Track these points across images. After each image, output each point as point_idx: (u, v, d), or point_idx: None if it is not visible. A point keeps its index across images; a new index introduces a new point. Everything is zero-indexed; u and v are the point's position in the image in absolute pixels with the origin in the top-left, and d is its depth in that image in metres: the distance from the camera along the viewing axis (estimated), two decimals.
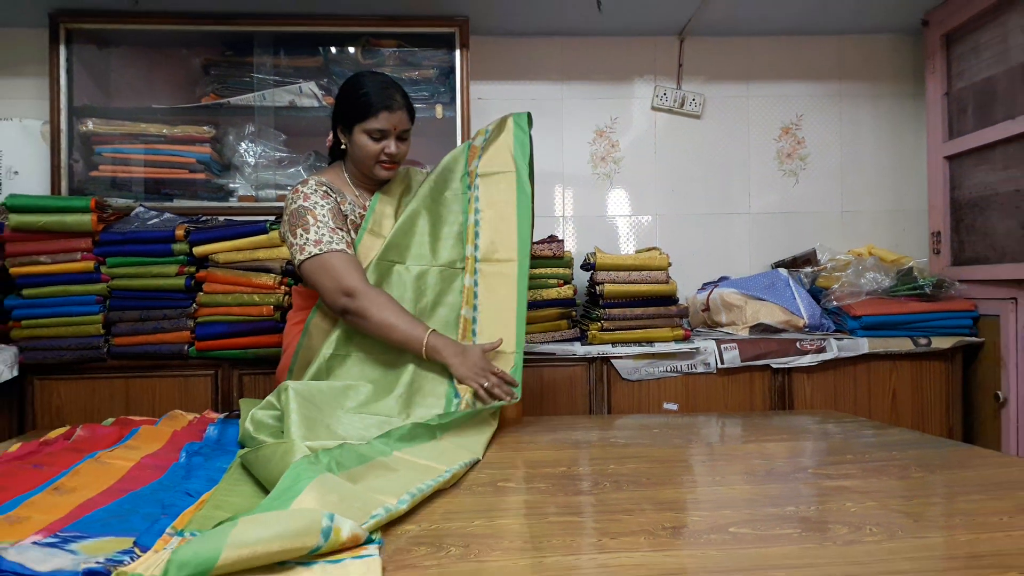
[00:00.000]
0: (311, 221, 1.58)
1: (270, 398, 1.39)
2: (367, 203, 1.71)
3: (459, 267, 1.67)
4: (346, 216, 1.65)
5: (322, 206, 1.60)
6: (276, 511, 0.81)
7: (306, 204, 1.60)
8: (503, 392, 1.49)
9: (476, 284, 1.64)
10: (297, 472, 0.93)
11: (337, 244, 1.56)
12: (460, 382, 1.50)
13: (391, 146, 1.65)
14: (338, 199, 1.65)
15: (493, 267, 1.65)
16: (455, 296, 1.65)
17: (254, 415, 1.34)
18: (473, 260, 1.66)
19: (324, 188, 1.64)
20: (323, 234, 1.57)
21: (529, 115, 1.79)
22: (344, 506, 0.88)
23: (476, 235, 1.67)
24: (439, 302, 1.65)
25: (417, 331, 1.51)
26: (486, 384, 1.48)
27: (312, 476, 0.92)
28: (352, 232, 1.65)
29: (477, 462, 1.24)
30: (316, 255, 1.55)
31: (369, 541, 0.82)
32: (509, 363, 1.55)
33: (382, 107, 1.62)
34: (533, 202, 1.73)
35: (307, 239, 1.56)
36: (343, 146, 1.71)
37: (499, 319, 1.60)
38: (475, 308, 1.63)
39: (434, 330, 1.54)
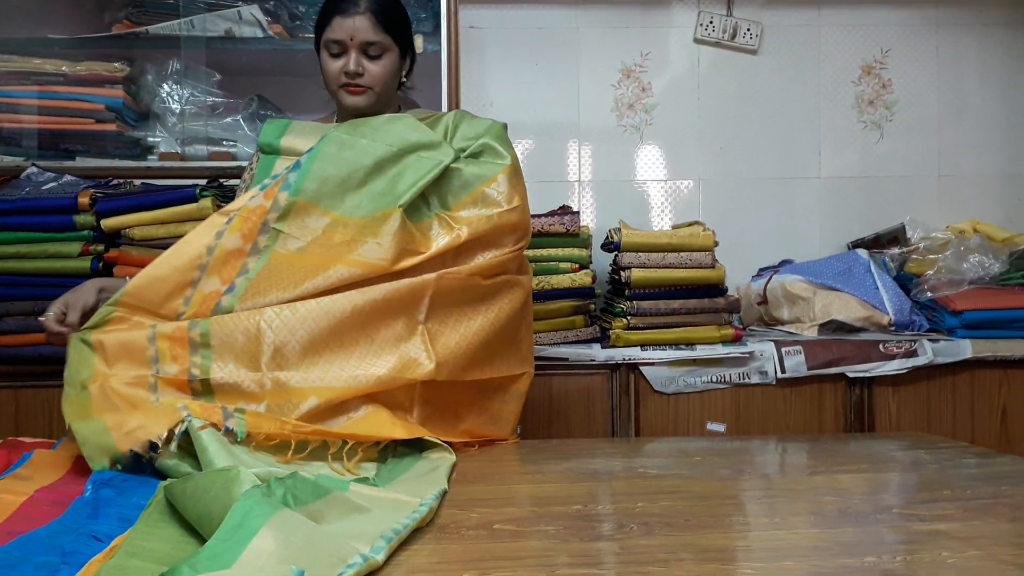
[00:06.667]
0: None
1: None
2: None
3: None
4: None
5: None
6: (231, 569, 0.81)
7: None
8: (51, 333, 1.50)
9: None
10: (248, 506, 0.93)
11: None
12: None
13: (350, 62, 1.66)
14: None
15: None
16: None
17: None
18: None
19: None
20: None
21: None
22: (313, 552, 0.88)
23: None
24: None
25: None
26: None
27: (268, 512, 0.93)
28: None
29: (445, 493, 1.25)
30: None
31: None
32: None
33: (334, 12, 1.66)
34: None
35: None
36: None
37: None
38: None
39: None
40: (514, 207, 1.64)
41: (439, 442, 1.50)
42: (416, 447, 1.51)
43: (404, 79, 1.82)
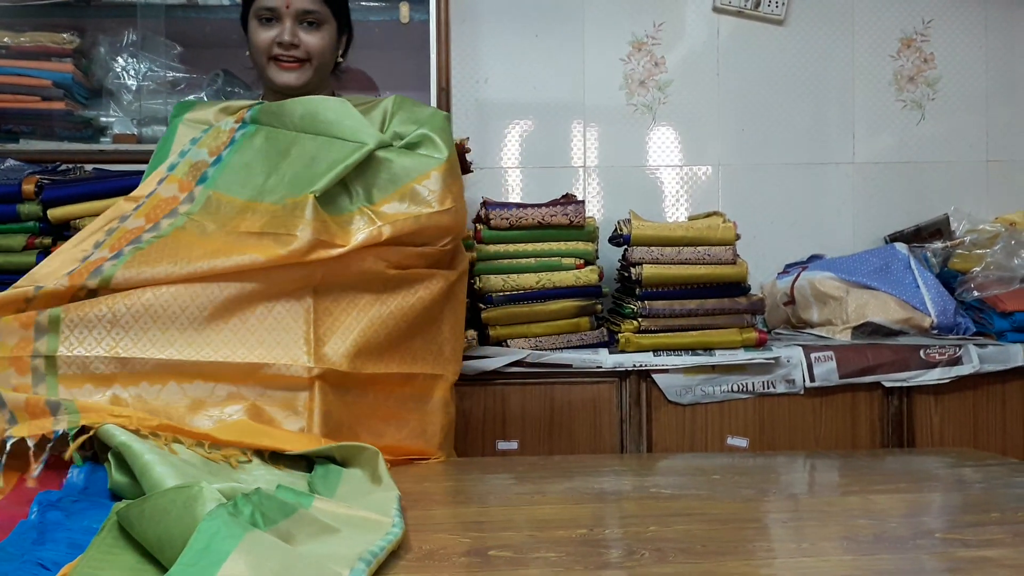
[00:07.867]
0: None
1: None
2: None
3: None
4: None
5: None
6: None
7: None
8: None
9: None
10: (215, 527, 0.93)
11: None
12: None
13: (285, 32, 1.67)
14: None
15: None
16: None
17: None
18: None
19: None
20: None
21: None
22: None
23: None
24: None
25: None
26: None
27: (237, 534, 0.92)
28: None
29: (401, 500, 1.24)
30: None
31: None
32: None
33: None
34: None
35: None
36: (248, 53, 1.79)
37: None
38: None
39: None
40: (445, 209, 1.63)
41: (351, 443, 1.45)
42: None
43: (340, 59, 1.82)
